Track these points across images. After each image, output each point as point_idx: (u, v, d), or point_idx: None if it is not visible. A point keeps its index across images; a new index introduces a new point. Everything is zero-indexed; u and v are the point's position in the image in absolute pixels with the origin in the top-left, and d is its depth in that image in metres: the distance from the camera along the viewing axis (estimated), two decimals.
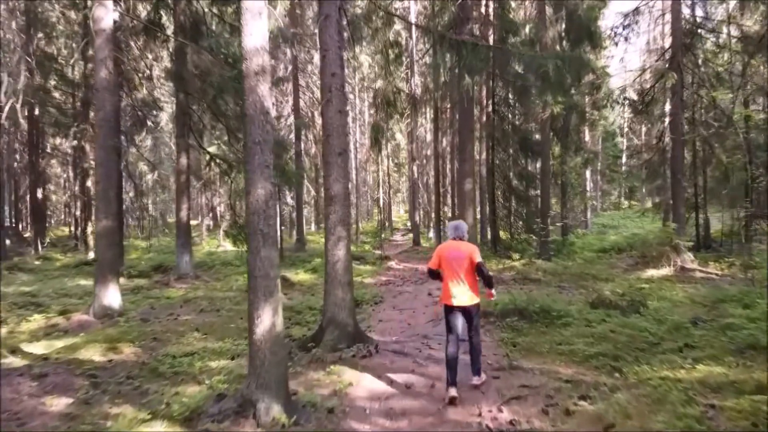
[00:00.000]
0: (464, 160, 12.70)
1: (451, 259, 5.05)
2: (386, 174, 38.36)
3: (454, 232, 5.30)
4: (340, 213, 6.78)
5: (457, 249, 5.11)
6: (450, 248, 5.15)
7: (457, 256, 5.05)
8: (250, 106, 4.57)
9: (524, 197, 18.03)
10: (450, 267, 5.04)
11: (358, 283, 12.90)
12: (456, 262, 5.02)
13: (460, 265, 5.00)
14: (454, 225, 5.41)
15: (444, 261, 5.12)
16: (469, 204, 12.67)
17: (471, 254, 5.04)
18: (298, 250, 22.04)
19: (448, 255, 5.10)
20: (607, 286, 12.18)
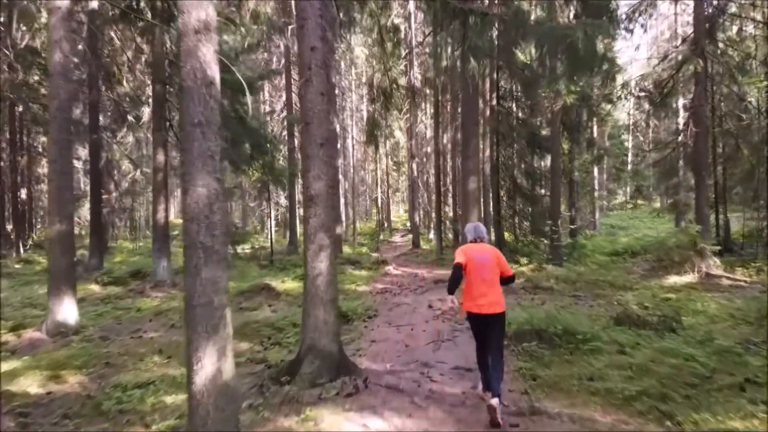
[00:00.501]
0: (468, 157, 11.52)
1: (479, 262, 4.64)
2: (385, 173, 37.18)
3: (475, 233, 4.96)
4: (323, 216, 5.61)
5: (483, 251, 4.76)
6: (475, 250, 4.76)
7: (485, 259, 4.67)
8: (187, 75, 3.40)
9: (531, 197, 16.86)
10: (477, 270, 4.61)
11: (351, 291, 11.74)
12: (484, 265, 4.63)
13: (489, 268, 4.63)
14: (474, 226, 5.07)
15: (469, 263, 4.65)
16: (474, 204, 11.51)
17: (499, 259, 4.77)
18: (290, 253, 20.88)
19: (473, 258, 4.67)
20: (627, 295, 11.04)
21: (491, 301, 4.54)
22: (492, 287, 4.60)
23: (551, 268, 13.91)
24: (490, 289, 4.58)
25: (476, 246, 4.84)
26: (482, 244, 4.88)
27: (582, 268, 14.67)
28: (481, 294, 4.56)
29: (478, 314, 4.59)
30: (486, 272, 4.61)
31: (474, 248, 4.80)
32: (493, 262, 4.68)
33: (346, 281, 12.93)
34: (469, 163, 11.52)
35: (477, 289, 4.59)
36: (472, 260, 4.66)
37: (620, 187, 44.40)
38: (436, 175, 18.76)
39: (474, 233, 4.98)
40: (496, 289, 4.63)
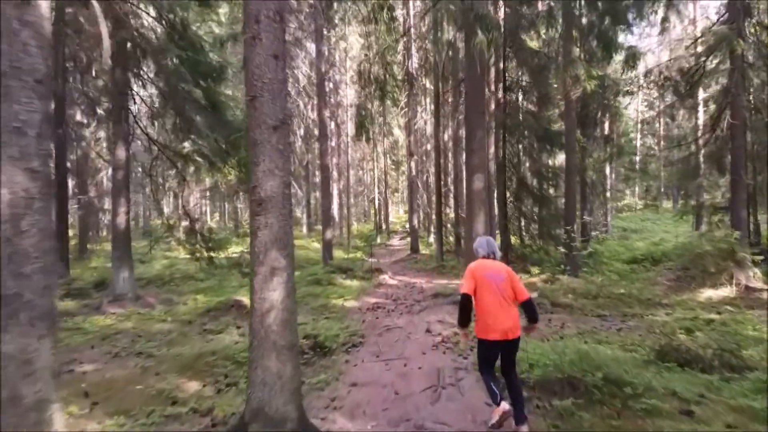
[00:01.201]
0: (473, 151, 9.96)
1: (491, 282, 4.22)
2: (383, 172, 35.58)
3: (487, 249, 4.53)
4: (276, 228, 4.05)
5: (495, 270, 4.31)
6: (486, 269, 4.31)
7: (498, 279, 4.24)
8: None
9: (542, 198, 15.30)
10: (490, 291, 4.19)
11: (337, 308, 10.17)
12: (498, 285, 4.21)
13: (504, 289, 4.21)
14: (486, 241, 4.65)
15: (482, 284, 4.22)
16: (480, 206, 9.94)
17: (512, 278, 4.31)
18: None
19: (486, 277, 4.24)
20: (659, 313, 9.50)
21: (508, 326, 4.12)
22: (508, 310, 4.17)
23: (566, 278, 12.38)
24: (506, 312, 4.15)
25: (488, 263, 4.36)
26: (494, 262, 4.42)
27: (600, 278, 13.15)
28: (496, 318, 4.12)
29: (494, 341, 4.14)
30: (501, 294, 4.18)
31: (486, 266, 4.32)
32: (507, 283, 4.23)
33: (333, 295, 11.36)
34: (474, 158, 9.95)
35: (492, 312, 4.15)
36: (484, 280, 4.21)
37: (629, 188, 42.88)
38: (436, 173, 17.17)
39: (487, 248, 4.52)
40: (513, 312, 4.20)
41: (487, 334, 4.15)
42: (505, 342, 4.15)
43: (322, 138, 15.76)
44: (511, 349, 4.25)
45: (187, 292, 13.11)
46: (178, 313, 9.88)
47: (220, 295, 11.58)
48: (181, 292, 13.09)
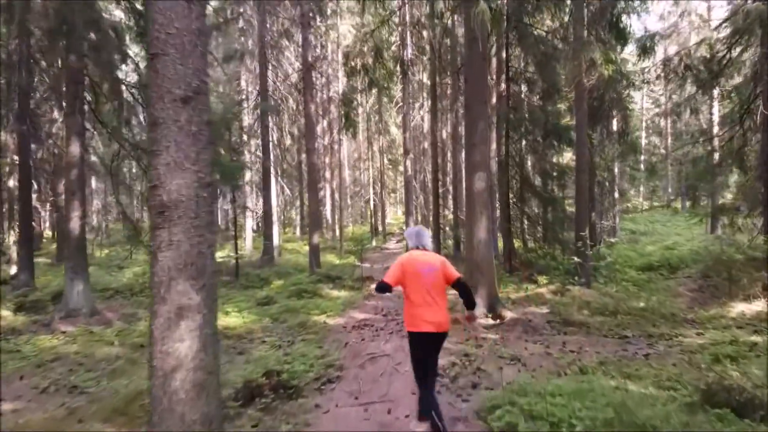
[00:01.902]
0: (473, 146, 8.68)
1: (421, 273, 4.12)
2: (379, 171, 34.27)
3: (417, 240, 4.38)
4: (186, 247, 2.79)
5: (426, 261, 4.20)
6: (417, 260, 4.18)
7: (428, 270, 4.15)
8: None
9: (549, 199, 14.03)
10: (420, 283, 4.10)
11: (318, 327, 8.89)
12: (427, 276, 4.12)
13: (434, 280, 4.13)
14: (416, 231, 4.49)
15: (411, 276, 4.12)
16: (482, 209, 8.67)
17: (444, 267, 4.23)
18: (264, 265, 18.05)
19: (415, 268, 4.13)
20: (689, 333, 8.23)
21: (438, 319, 4.11)
22: (436, 304, 4.13)
23: (578, 290, 11.09)
24: (434, 305, 4.12)
25: (418, 255, 4.28)
26: (425, 252, 4.33)
27: (614, 288, 11.86)
28: (424, 311, 4.09)
29: (422, 333, 4.11)
30: (430, 287, 4.13)
31: (416, 258, 4.23)
32: (438, 274, 4.18)
33: (315, 310, 10.06)
34: (475, 154, 8.67)
35: (423, 303, 4.11)
36: (413, 273, 4.14)
37: (634, 188, 41.58)
38: (433, 172, 15.84)
39: (417, 240, 4.43)
40: (442, 305, 4.18)
41: (417, 326, 4.10)
42: (434, 335, 4.11)
43: (308, 134, 14.49)
44: (439, 344, 4.22)
45: None
46: (132, 334, 8.58)
47: None
48: (148, 305, 11.80)
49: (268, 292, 12.80)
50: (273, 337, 8.25)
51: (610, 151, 15.04)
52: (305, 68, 14.26)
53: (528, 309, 9.68)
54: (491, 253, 8.86)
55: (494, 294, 8.77)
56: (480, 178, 8.65)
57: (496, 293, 8.88)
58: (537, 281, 11.89)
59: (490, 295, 8.66)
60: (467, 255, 8.99)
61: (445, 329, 4.16)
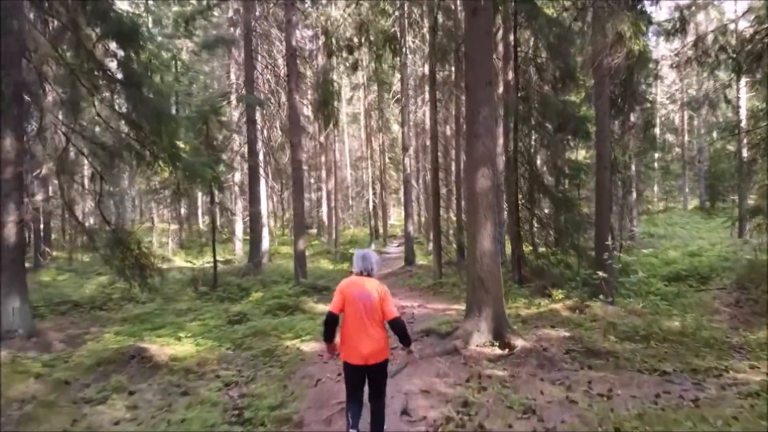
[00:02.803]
0: (476, 137, 7.21)
1: (357, 301, 4.05)
2: (380, 170, 32.76)
3: (361, 265, 4.24)
4: None
5: (365, 289, 4.09)
6: (356, 287, 4.11)
7: (366, 298, 4.05)
8: None
9: (561, 199, 12.51)
10: (355, 311, 4.04)
11: (291, 355, 7.42)
12: (364, 305, 4.04)
13: (371, 310, 4.04)
14: (362, 255, 4.33)
15: (348, 302, 4.06)
16: (486, 212, 7.19)
17: (383, 299, 4.07)
18: (250, 271, 16.62)
19: (353, 295, 4.06)
20: (741, 366, 6.72)
21: (369, 351, 4.00)
22: (372, 333, 4.02)
23: (599, 306, 9.60)
24: (369, 335, 4.01)
25: (359, 281, 4.14)
26: (367, 279, 4.17)
27: (640, 303, 10.33)
28: (358, 342, 4.01)
29: (355, 365, 4.04)
30: (366, 316, 4.02)
31: (356, 284, 4.12)
32: (376, 304, 4.03)
33: (288, 334, 8.56)
34: (477, 146, 7.18)
35: (353, 335, 4.03)
36: (351, 300, 4.04)
37: (648, 187, 39.80)
38: (432, 169, 14.28)
39: (361, 265, 4.23)
40: (378, 335, 4.06)
41: (349, 357, 4.07)
42: (366, 367, 4.05)
43: (293, 127, 13.03)
44: (376, 374, 4.15)
45: (112, 322, 10.40)
46: (61, 366, 7.14)
47: (137, 332, 8.83)
48: (105, 323, 10.39)
49: (243, 306, 11.37)
50: (230, 371, 6.79)
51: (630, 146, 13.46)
52: (289, 53, 12.81)
53: (542, 332, 8.17)
54: (498, 266, 7.36)
55: (501, 316, 7.27)
56: (484, 176, 7.16)
57: (504, 315, 7.38)
58: (551, 295, 10.37)
59: (497, 318, 7.16)
60: (469, 267, 7.50)
61: (378, 360, 4.07)
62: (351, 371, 4.13)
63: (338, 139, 32.76)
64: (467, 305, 7.49)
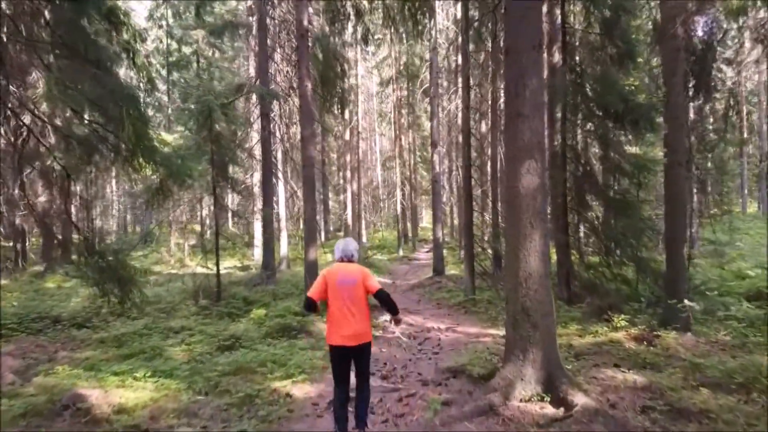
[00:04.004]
0: (520, 117, 5.45)
1: (341, 286, 4.33)
2: (410, 169, 30.97)
3: (342, 252, 4.59)
4: None
5: (347, 272, 4.40)
6: (338, 272, 4.41)
7: (348, 282, 4.34)
8: None
9: (621, 202, 10.56)
10: (339, 296, 4.32)
11: (278, 404, 5.76)
12: (347, 289, 4.32)
13: (353, 293, 4.32)
14: (343, 242, 4.71)
15: (331, 288, 4.35)
16: (533, 220, 5.43)
17: (365, 278, 4.37)
18: (263, 280, 15.12)
19: (335, 280, 4.36)
20: None
21: (352, 332, 4.28)
22: (357, 315, 4.31)
23: (673, 337, 7.67)
24: (351, 318, 4.29)
25: (342, 267, 4.47)
26: (349, 264, 4.51)
27: (722, 331, 8.33)
28: (340, 325, 4.30)
29: (341, 346, 4.32)
30: (349, 299, 4.30)
31: (339, 270, 4.42)
32: (358, 286, 4.32)
33: (277, 372, 6.85)
34: (522, 129, 5.40)
35: (337, 318, 4.32)
36: (334, 285, 4.33)
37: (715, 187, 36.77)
38: (464, 167, 12.34)
39: (342, 251, 4.59)
40: (362, 317, 4.36)
41: (332, 339, 4.33)
42: (349, 348, 4.28)
43: (303, 119, 11.42)
44: (359, 356, 4.40)
45: (86, 344, 8.96)
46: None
47: (97, 364, 7.28)
48: (78, 345, 8.95)
49: (241, 326, 9.80)
50: (193, 428, 5.17)
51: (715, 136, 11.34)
52: (299, 34, 11.19)
53: (604, 374, 6.31)
54: (549, 293, 5.55)
55: (554, 361, 5.45)
56: (530, 170, 5.38)
57: (558, 359, 5.56)
58: (612, 320, 8.45)
59: (548, 363, 5.35)
60: (509, 294, 5.70)
61: (362, 342, 4.31)
62: (336, 354, 4.36)
63: (363, 137, 31.12)
64: (507, 343, 5.69)
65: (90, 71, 6.87)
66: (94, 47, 6.88)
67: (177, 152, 8.45)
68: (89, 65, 6.95)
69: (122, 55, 8.61)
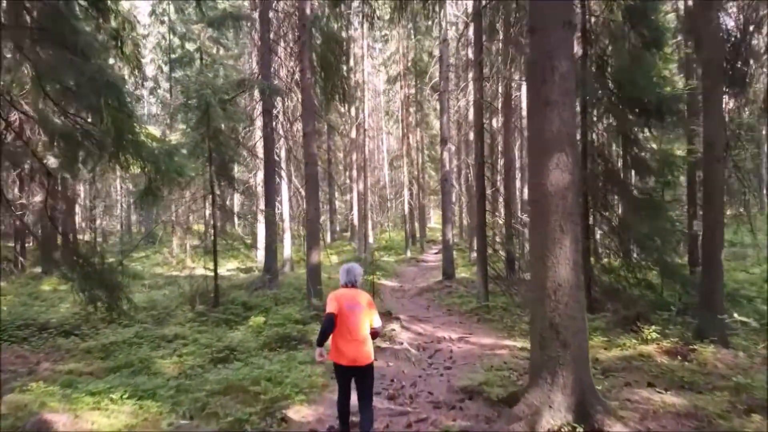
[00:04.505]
0: (547, 104, 4.77)
1: (347, 311, 4.47)
2: (418, 169, 30.25)
3: (346, 278, 4.72)
4: None
5: (354, 299, 4.58)
6: (346, 298, 4.56)
7: (356, 307, 4.52)
8: None
9: (647, 202, 9.83)
10: (345, 319, 4.44)
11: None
12: (353, 314, 4.48)
13: (358, 318, 4.50)
14: (347, 268, 4.81)
15: (340, 312, 4.43)
16: (563, 222, 4.77)
17: (369, 307, 4.61)
18: (265, 285, 14.47)
19: (344, 305, 4.48)
20: None
21: (360, 352, 4.46)
22: (361, 337, 4.49)
23: (711, 351, 6.95)
24: (355, 341, 4.45)
25: (348, 292, 4.63)
26: (354, 290, 4.69)
27: (761, 346, 7.61)
28: (349, 345, 4.44)
29: (346, 366, 4.49)
30: (356, 322, 4.46)
31: (346, 295, 4.58)
32: (363, 312, 4.53)
33: (272, 391, 6.15)
34: (550, 118, 4.72)
35: (346, 339, 4.45)
36: (342, 308, 4.45)
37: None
38: (477, 164, 11.55)
39: (346, 277, 4.72)
40: (365, 340, 4.52)
41: (340, 359, 4.46)
42: (354, 368, 4.47)
43: (305, 113, 10.77)
44: (363, 375, 4.52)
45: (71, 354, 8.36)
46: None
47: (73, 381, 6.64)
48: (62, 356, 8.35)
49: (238, 335, 9.17)
50: None
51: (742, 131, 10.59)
52: (301, 23, 10.54)
53: (639, 396, 5.63)
54: (582, 307, 4.87)
55: (588, 385, 4.77)
56: (560, 166, 4.70)
57: (591, 384, 4.87)
58: (641, 331, 7.73)
59: (581, 389, 4.66)
60: (534, 307, 5.02)
61: (363, 363, 4.46)
62: (341, 371, 4.54)
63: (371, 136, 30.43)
64: (532, 365, 5.01)
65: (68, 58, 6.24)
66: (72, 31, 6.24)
67: (165, 148, 7.77)
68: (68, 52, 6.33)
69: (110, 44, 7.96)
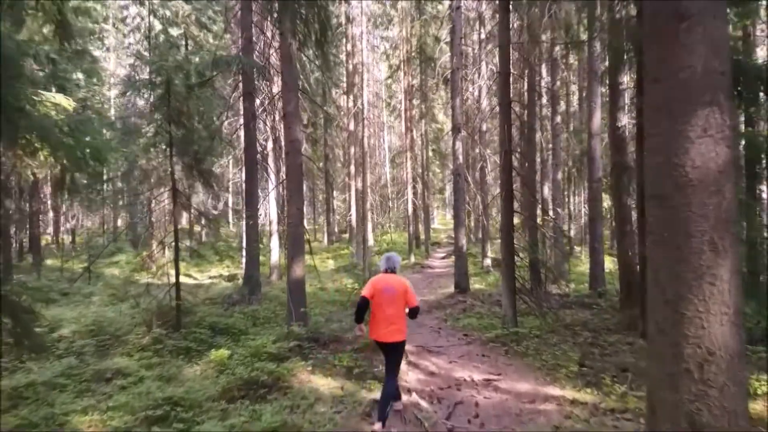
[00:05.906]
0: (679, 18, 2.52)
1: (384, 293, 5.16)
2: (423, 166, 28.07)
3: (386, 264, 5.36)
4: None
5: (390, 283, 5.21)
6: (382, 282, 5.23)
7: (391, 290, 5.17)
8: None
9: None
10: (381, 300, 5.15)
11: None
12: (389, 297, 5.15)
13: (394, 301, 5.15)
14: (386, 256, 5.43)
15: (377, 293, 5.17)
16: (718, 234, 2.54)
17: (406, 291, 5.22)
18: (244, 298, 12.41)
19: (380, 289, 5.18)
20: None
21: (390, 330, 5.12)
22: (394, 317, 5.14)
23: None
24: (392, 318, 5.12)
25: (386, 277, 5.27)
26: (391, 275, 5.29)
27: None
28: (380, 324, 5.14)
29: (379, 342, 5.21)
30: (390, 303, 5.13)
31: (383, 279, 5.25)
32: (399, 294, 5.16)
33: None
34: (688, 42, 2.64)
35: (377, 318, 5.17)
36: (379, 291, 5.16)
37: None
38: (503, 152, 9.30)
39: (386, 264, 5.35)
40: (399, 319, 5.18)
41: (374, 335, 5.20)
42: (385, 344, 5.18)
43: (285, 88, 8.64)
44: (393, 351, 5.22)
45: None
46: None
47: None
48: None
49: (195, 373, 7.05)
50: None
51: None
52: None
53: None
54: (745, 397, 2.72)
55: None
56: (708, 130, 2.57)
57: None
58: None
59: None
60: (658, 389, 2.88)
61: (394, 340, 5.15)
62: (377, 346, 5.33)
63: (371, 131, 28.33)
64: None
65: None
66: None
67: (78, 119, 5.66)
68: None
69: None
